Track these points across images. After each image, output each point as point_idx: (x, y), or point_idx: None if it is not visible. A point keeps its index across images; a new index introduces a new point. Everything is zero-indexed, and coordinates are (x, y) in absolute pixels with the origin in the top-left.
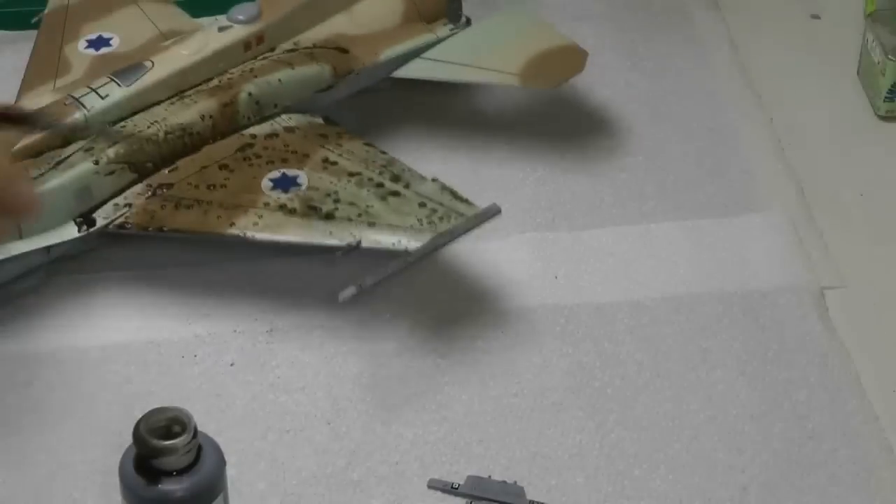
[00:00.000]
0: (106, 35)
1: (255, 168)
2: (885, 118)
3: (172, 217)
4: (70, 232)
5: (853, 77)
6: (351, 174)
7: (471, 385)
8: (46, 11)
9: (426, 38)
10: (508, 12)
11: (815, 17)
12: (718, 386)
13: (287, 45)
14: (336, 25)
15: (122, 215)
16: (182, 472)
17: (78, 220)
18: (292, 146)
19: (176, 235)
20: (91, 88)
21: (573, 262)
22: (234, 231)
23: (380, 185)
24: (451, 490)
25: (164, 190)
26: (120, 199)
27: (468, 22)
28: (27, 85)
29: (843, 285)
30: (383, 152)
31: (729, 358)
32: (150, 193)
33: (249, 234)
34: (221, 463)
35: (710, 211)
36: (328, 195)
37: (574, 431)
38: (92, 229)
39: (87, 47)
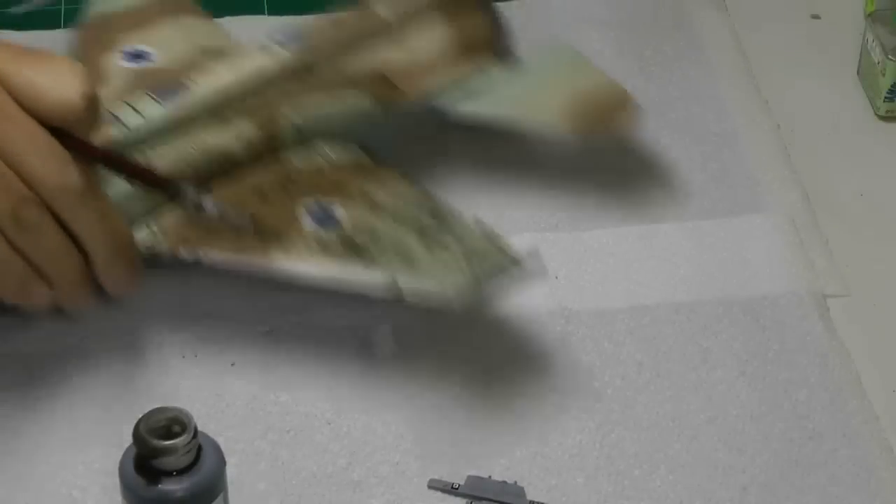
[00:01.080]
0: (145, 49)
1: (292, 198)
2: (885, 118)
3: (206, 243)
4: None
5: (853, 77)
6: (391, 212)
7: (471, 385)
8: (85, 20)
9: (472, 74)
10: (556, 50)
11: (815, 17)
12: (719, 386)
13: (332, 72)
14: (384, 55)
15: (154, 239)
16: (182, 472)
17: None
18: (332, 178)
19: (209, 265)
20: (130, 105)
21: (574, 263)
22: (268, 263)
23: (421, 225)
24: (452, 490)
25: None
26: (152, 222)
27: (516, 59)
28: None
29: (843, 287)
30: (423, 189)
31: (729, 358)
32: (184, 218)
33: (285, 267)
34: (221, 463)
35: (714, 215)
36: (368, 234)
37: (574, 431)
38: None
39: (125, 59)
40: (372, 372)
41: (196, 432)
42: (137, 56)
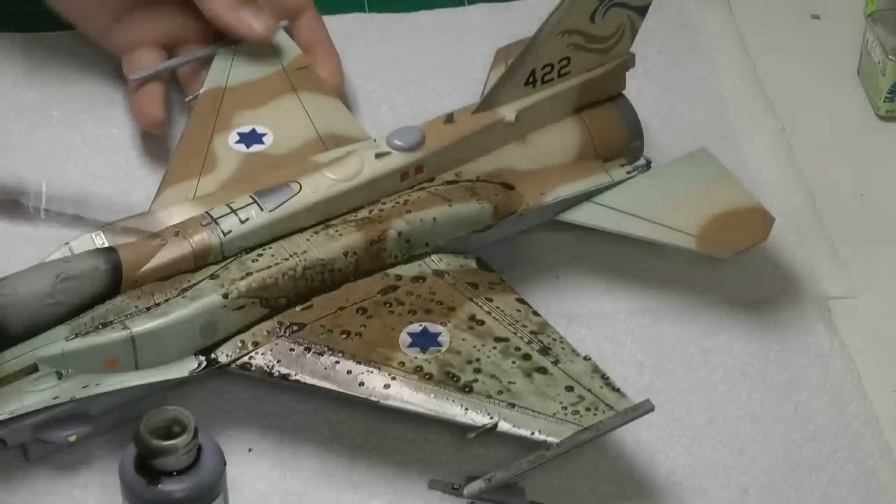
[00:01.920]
0: (260, 130)
1: (394, 317)
2: (885, 118)
3: (299, 365)
4: (188, 367)
5: (853, 77)
6: (497, 339)
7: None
8: (202, 91)
9: (600, 179)
10: (692, 158)
11: (815, 17)
12: (720, 387)
13: (448, 176)
14: (505, 158)
15: (246, 354)
16: (182, 472)
17: (199, 355)
18: (438, 295)
19: (299, 387)
20: (230, 209)
21: (574, 263)
22: (361, 392)
23: (527, 356)
24: (452, 490)
25: (295, 329)
26: (246, 336)
27: (648, 165)
28: (172, 175)
29: (849, 289)
30: (536, 313)
31: (730, 359)
32: (279, 332)
33: (379, 398)
34: (221, 463)
35: None
36: (469, 362)
37: None
38: (212, 368)
39: (238, 142)
40: None
41: (196, 432)
42: (251, 137)
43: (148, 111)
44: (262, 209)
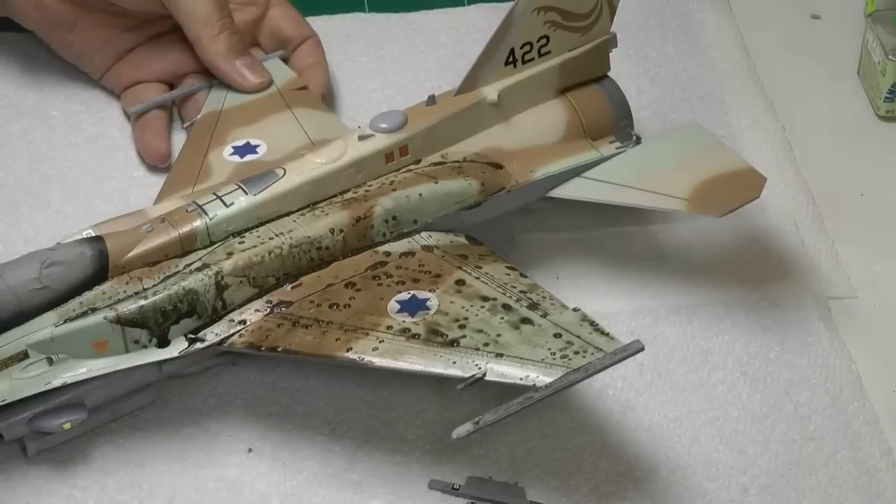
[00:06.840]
0: (253, 142)
1: (383, 288)
2: (885, 118)
3: (287, 337)
4: (178, 347)
5: (853, 77)
6: (485, 299)
7: (472, 385)
8: (199, 116)
9: (589, 155)
10: (682, 130)
11: (815, 17)
12: (720, 387)
13: (434, 158)
14: (491, 138)
15: (235, 332)
16: None
17: (189, 335)
18: (427, 266)
19: (288, 357)
20: (216, 195)
21: (574, 263)
22: (350, 356)
23: (513, 311)
24: (452, 490)
25: (284, 308)
26: (235, 315)
27: (638, 140)
28: (167, 189)
29: (849, 290)
30: (524, 276)
31: (730, 359)
32: (268, 310)
33: (367, 359)
34: None
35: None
36: (456, 321)
37: (574, 432)
38: (200, 346)
39: (232, 154)
40: (372, 373)
41: None
42: (245, 149)
43: (152, 144)
44: (247, 193)
